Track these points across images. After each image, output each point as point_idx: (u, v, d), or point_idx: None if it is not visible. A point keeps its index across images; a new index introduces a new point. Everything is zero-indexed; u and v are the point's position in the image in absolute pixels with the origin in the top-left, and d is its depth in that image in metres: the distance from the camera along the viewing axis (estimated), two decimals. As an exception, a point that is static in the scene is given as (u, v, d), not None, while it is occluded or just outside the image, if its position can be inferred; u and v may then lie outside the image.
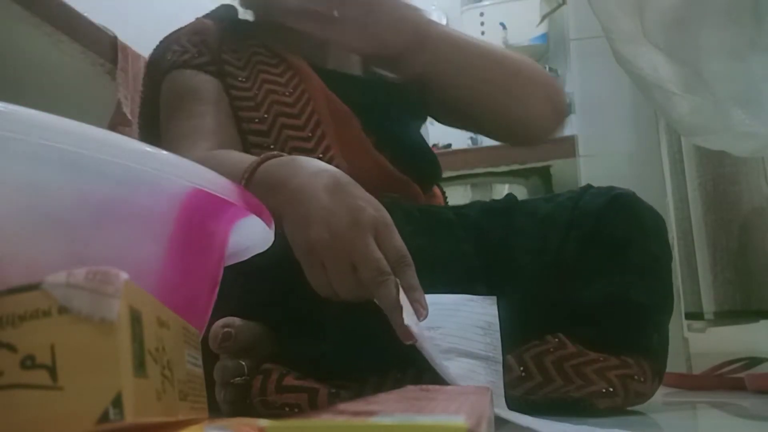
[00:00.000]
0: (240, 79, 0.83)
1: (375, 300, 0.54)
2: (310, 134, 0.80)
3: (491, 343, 0.60)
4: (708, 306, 1.22)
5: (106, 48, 1.36)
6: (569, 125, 2.41)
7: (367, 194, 0.57)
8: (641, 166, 1.51)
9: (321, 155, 0.78)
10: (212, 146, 0.76)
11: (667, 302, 0.70)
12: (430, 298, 0.56)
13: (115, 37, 1.40)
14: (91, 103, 1.44)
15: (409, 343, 0.52)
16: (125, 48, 1.42)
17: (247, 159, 0.64)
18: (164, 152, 0.33)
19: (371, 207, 0.55)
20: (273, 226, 0.44)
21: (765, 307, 1.17)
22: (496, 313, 0.62)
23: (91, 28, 1.32)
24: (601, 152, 1.58)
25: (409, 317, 0.52)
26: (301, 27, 0.79)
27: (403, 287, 0.53)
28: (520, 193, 2.08)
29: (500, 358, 0.59)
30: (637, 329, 0.66)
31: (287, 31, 0.83)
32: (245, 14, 0.95)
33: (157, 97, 0.86)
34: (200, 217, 0.37)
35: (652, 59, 0.59)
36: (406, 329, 0.51)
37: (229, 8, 0.94)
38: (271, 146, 0.79)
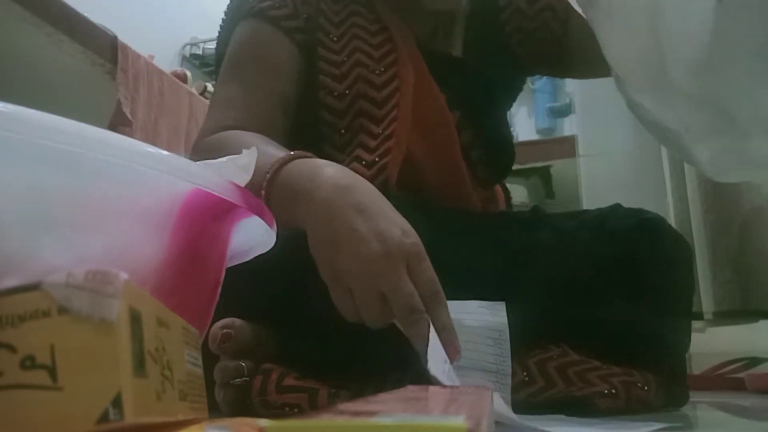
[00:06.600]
0: (332, 36, 0.77)
1: (405, 333, 0.51)
2: (380, 131, 0.75)
3: (501, 354, 0.58)
4: (707, 306, 1.22)
5: (106, 48, 1.37)
6: (569, 125, 2.41)
7: (398, 215, 0.54)
8: (641, 166, 1.51)
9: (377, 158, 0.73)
10: (245, 120, 0.71)
11: (683, 330, 0.70)
12: None
13: (115, 37, 1.40)
14: (91, 103, 1.44)
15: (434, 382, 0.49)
16: (125, 48, 1.42)
17: (270, 157, 0.60)
18: (164, 152, 0.33)
19: (403, 234, 0.52)
20: (275, 227, 0.44)
21: (765, 307, 1.17)
22: (506, 320, 0.60)
23: (91, 28, 1.32)
24: (601, 152, 1.58)
25: (435, 353, 0.49)
26: None
27: (434, 326, 0.50)
28: (520, 192, 2.09)
29: (509, 369, 0.58)
30: (648, 350, 0.66)
31: None
32: None
33: (227, 40, 0.80)
34: (201, 218, 0.37)
35: (674, 106, 0.59)
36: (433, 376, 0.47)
37: None
38: (342, 131, 0.75)
